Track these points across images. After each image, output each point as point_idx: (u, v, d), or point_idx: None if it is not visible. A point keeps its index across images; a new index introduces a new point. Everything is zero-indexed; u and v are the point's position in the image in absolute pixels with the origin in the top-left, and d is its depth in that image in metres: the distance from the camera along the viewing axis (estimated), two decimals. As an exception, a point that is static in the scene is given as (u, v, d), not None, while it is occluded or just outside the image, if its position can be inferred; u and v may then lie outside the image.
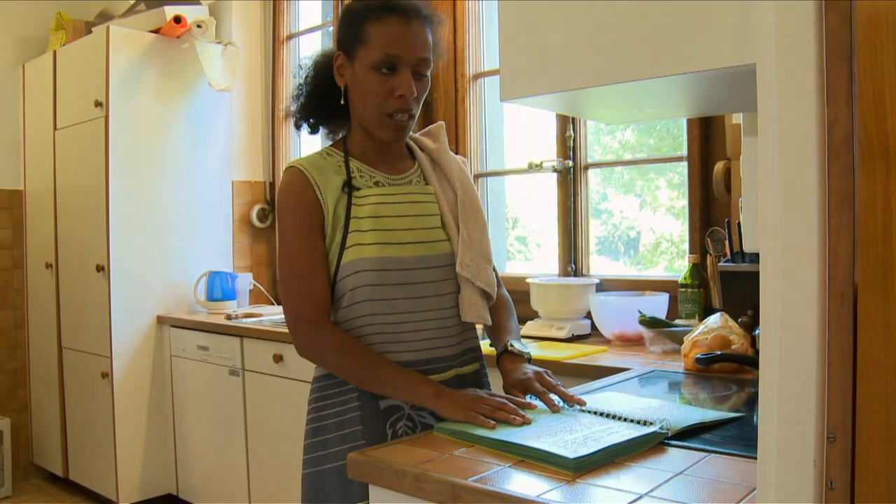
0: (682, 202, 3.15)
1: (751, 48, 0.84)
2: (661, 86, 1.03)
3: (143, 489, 3.81)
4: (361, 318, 1.58)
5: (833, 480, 0.75)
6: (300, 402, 3.13)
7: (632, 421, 1.39)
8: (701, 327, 2.11)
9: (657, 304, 2.60)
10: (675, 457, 1.26)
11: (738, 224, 2.18)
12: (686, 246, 2.93)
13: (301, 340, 1.57)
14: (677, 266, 3.12)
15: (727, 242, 2.34)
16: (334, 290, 1.59)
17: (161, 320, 3.88)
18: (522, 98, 1.13)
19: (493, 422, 1.37)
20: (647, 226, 3.32)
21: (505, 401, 1.44)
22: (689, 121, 2.75)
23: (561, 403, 1.50)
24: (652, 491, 1.09)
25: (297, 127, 1.73)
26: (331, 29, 4.17)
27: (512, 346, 1.65)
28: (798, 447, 0.76)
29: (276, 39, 4.41)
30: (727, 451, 1.28)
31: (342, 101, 1.63)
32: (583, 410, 1.49)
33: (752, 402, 1.74)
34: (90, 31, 3.99)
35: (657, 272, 3.22)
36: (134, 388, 3.80)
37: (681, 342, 2.31)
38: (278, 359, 3.21)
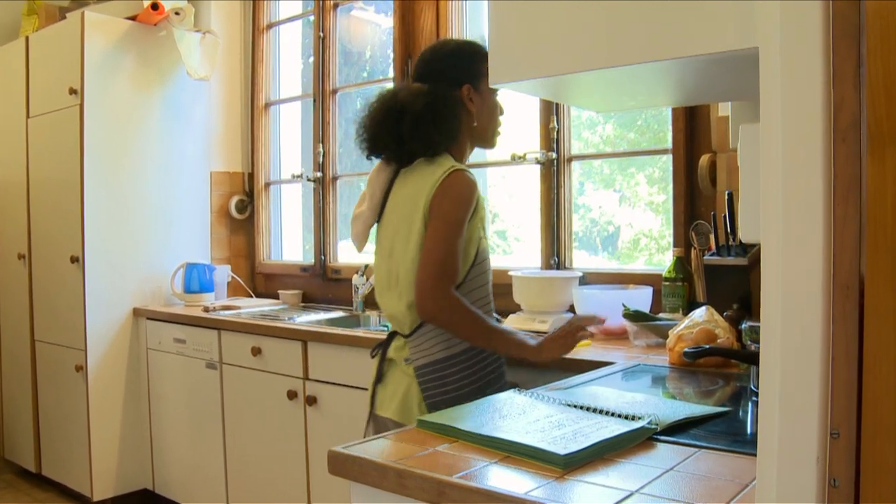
0: (662, 197, 3.13)
1: (753, 31, 0.81)
2: (657, 71, 1.00)
3: (118, 484, 3.74)
4: (482, 300, 1.96)
5: (836, 478, 0.72)
6: (278, 396, 3.10)
7: (620, 416, 1.37)
8: (686, 321, 2.09)
9: (641, 298, 2.57)
10: (665, 453, 1.23)
11: (724, 217, 2.16)
12: (665, 241, 2.92)
13: (442, 304, 1.83)
14: (657, 261, 3.10)
15: (712, 236, 2.32)
16: (470, 272, 1.93)
17: (137, 312, 3.82)
18: (512, 82, 1.09)
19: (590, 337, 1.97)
20: (625, 221, 3.30)
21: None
22: (673, 113, 2.73)
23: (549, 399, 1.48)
24: (642, 488, 1.06)
25: (419, 155, 1.99)
26: (311, 18, 4.10)
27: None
28: (800, 444, 0.74)
29: (255, 28, 4.35)
30: (717, 446, 1.25)
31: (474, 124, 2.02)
32: (570, 405, 1.46)
33: (737, 397, 1.72)
34: (64, 17, 3.91)
35: (637, 267, 3.19)
36: (109, 382, 3.73)
37: (665, 336, 2.29)
38: (256, 352, 3.16)
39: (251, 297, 4.26)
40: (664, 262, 3.06)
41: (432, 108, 1.93)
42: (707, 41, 0.87)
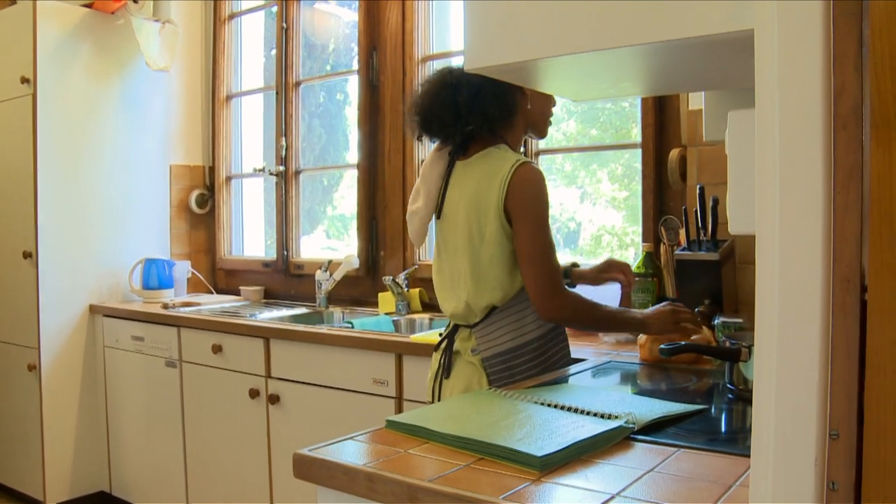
0: (625, 194, 3.12)
1: (747, 13, 0.77)
2: (640, 56, 0.96)
3: (73, 487, 3.63)
4: None
5: (835, 481, 0.68)
6: (240, 395, 3.02)
7: (596, 415, 1.33)
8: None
9: (610, 294, 2.54)
10: (643, 453, 1.19)
11: (696, 212, 2.14)
12: (629, 238, 2.90)
13: (560, 310, 1.83)
14: (619, 258, 3.09)
15: (684, 231, 2.30)
16: None
17: (93, 309, 3.70)
18: (487, 66, 1.04)
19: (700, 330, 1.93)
20: (587, 218, 3.28)
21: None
22: (643, 107, 2.71)
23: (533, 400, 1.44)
24: (624, 490, 1.02)
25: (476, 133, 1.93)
26: (274, 9, 4.02)
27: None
28: (797, 444, 0.70)
29: (217, 18, 4.24)
30: (696, 445, 1.22)
31: (528, 106, 1.98)
32: (544, 403, 1.42)
33: (710, 394, 1.70)
34: (14, 2, 3.76)
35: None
36: (64, 381, 3.61)
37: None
38: (217, 349, 3.08)
39: (212, 293, 4.17)
40: (627, 258, 3.04)
41: (490, 82, 1.84)
42: (697, 23, 0.83)
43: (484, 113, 1.89)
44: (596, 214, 3.25)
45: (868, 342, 0.66)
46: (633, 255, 3.02)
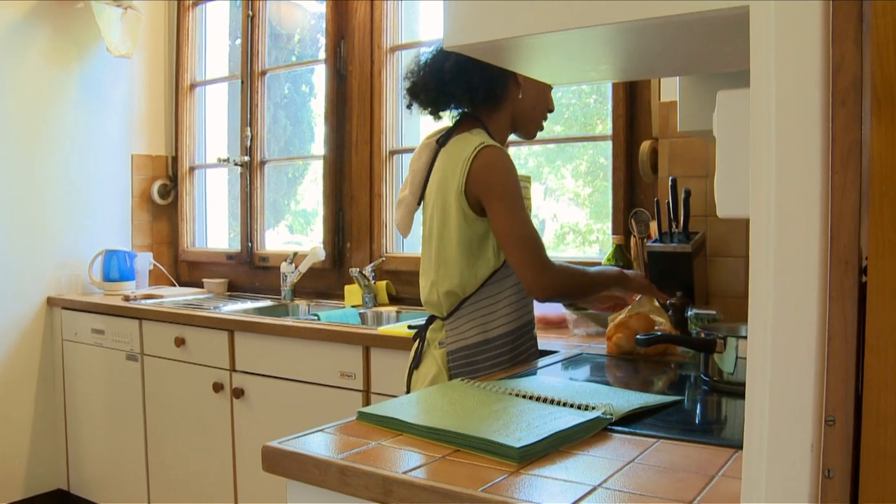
0: (588, 190, 3.11)
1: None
2: (628, 35, 0.93)
3: (27, 486, 3.53)
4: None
5: (831, 468, 0.66)
6: (204, 388, 2.96)
7: (573, 406, 1.31)
8: (625, 310, 2.06)
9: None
10: (623, 444, 1.17)
11: (668, 203, 2.13)
12: (594, 236, 2.89)
13: (554, 282, 1.77)
14: (583, 255, 3.09)
15: (655, 223, 2.28)
16: None
17: (51, 302, 3.60)
18: (465, 44, 1.01)
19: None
20: (550, 214, 3.26)
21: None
22: (613, 99, 2.70)
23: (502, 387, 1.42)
24: (605, 482, 1.00)
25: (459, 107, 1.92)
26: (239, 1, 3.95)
27: None
28: (791, 431, 0.68)
29: (181, 5, 4.15)
30: (674, 436, 1.20)
31: (520, 96, 1.92)
32: (519, 395, 1.40)
33: (681, 385, 1.69)
34: (-30, -15, 3.65)
35: (574, 254, 3.17)
36: (19, 376, 3.51)
37: (605, 325, 2.26)
38: (180, 342, 3.01)
39: (174, 285, 4.09)
40: (592, 254, 3.04)
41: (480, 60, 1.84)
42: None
43: (468, 83, 1.84)
44: (560, 210, 3.23)
45: (868, 325, 0.64)
46: (598, 252, 3.02)
